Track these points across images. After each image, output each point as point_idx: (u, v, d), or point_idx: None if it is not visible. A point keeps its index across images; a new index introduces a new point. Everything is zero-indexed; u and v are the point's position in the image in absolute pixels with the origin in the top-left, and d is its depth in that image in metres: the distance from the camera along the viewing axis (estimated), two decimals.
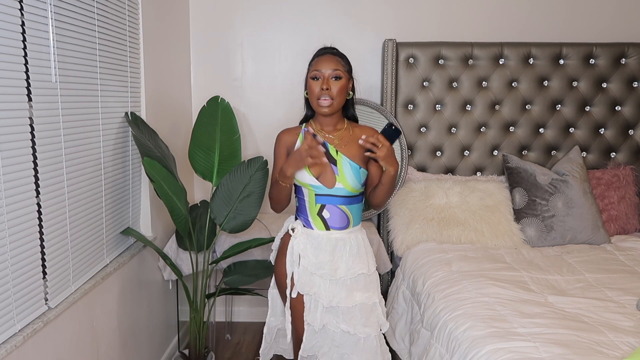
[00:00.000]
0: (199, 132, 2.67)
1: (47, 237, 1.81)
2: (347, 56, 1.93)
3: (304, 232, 1.91)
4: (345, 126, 1.94)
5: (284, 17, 3.33)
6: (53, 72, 1.82)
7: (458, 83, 3.21)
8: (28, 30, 1.67)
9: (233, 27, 3.33)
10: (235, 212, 2.55)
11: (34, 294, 1.75)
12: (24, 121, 1.67)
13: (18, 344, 1.61)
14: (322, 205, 1.87)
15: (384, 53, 3.16)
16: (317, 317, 1.87)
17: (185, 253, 2.76)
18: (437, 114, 3.23)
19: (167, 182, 2.31)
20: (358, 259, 1.89)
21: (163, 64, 2.89)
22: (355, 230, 1.92)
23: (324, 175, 1.87)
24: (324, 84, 1.83)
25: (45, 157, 1.79)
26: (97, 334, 2.15)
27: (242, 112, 3.34)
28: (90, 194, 2.11)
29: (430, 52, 3.18)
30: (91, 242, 2.14)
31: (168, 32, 2.98)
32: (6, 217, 1.58)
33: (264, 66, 3.36)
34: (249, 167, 2.57)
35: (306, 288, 1.87)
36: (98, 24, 2.13)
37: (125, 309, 2.42)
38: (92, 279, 2.11)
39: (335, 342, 1.90)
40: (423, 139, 3.25)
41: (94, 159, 2.15)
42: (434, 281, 2.40)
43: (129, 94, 2.44)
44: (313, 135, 1.79)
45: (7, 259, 1.60)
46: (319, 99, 1.84)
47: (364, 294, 1.89)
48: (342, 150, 1.88)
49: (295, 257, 1.89)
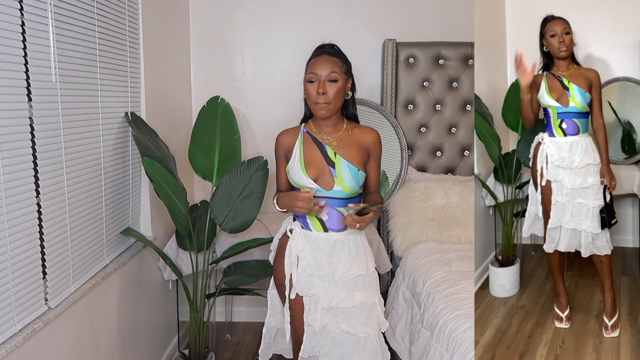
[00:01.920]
0: (199, 132, 2.67)
1: (47, 237, 1.81)
2: (346, 55, 1.89)
3: (302, 233, 1.89)
4: (345, 127, 1.91)
5: (284, 17, 3.33)
6: (53, 72, 1.82)
7: (458, 83, 3.21)
8: (28, 30, 1.67)
9: (233, 27, 3.33)
10: (235, 212, 2.55)
11: (34, 294, 1.75)
12: (24, 121, 1.67)
13: (18, 344, 1.61)
14: (321, 207, 1.87)
15: (384, 53, 3.16)
16: (317, 318, 1.86)
17: (185, 253, 2.76)
18: (437, 114, 3.23)
19: (167, 182, 2.31)
20: (357, 261, 1.88)
21: (163, 64, 2.88)
22: (353, 231, 1.90)
23: (323, 177, 1.86)
24: (319, 88, 1.79)
25: (45, 157, 1.79)
26: (97, 334, 2.15)
27: (242, 112, 3.34)
28: (90, 194, 2.11)
29: (430, 52, 3.18)
30: (91, 242, 2.14)
31: (168, 32, 2.98)
32: (6, 217, 1.58)
33: (264, 66, 3.36)
34: (249, 167, 2.57)
35: (305, 289, 1.86)
36: (98, 24, 2.13)
37: (125, 309, 2.42)
38: (92, 279, 2.11)
39: (336, 342, 1.89)
40: (423, 139, 3.24)
41: (94, 159, 2.14)
42: (434, 281, 2.40)
43: (128, 94, 2.44)
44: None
45: (7, 259, 1.60)
46: (315, 103, 1.82)
47: (363, 294, 1.88)
48: (341, 153, 1.86)
49: (294, 259, 1.88)
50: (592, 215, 2.40)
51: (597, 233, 2.40)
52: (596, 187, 2.40)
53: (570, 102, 2.40)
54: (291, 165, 1.88)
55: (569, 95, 2.40)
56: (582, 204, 2.40)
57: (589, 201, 2.40)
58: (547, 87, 2.43)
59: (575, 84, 2.40)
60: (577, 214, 2.42)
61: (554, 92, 2.42)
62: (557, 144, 2.44)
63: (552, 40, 2.41)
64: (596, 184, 2.40)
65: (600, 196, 2.40)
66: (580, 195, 2.41)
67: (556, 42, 2.40)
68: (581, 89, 2.39)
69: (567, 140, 2.43)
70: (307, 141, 1.89)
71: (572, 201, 2.42)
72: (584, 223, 2.41)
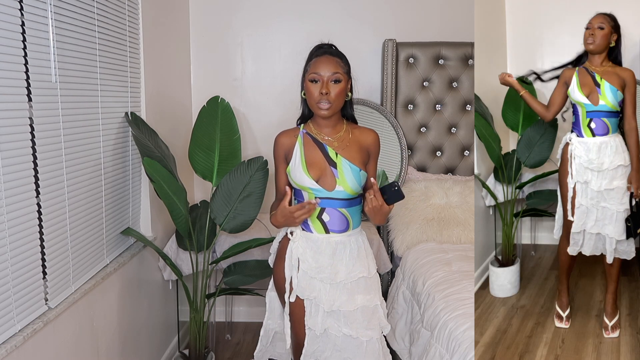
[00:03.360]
0: (199, 132, 2.67)
1: (47, 237, 1.81)
2: (346, 56, 1.88)
3: (302, 235, 1.87)
4: (345, 128, 1.90)
5: (284, 17, 3.33)
6: (53, 72, 1.82)
7: (458, 83, 3.21)
8: (28, 30, 1.67)
9: (233, 27, 3.33)
10: (235, 212, 2.55)
11: (34, 294, 1.75)
12: (24, 121, 1.67)
13: (18, 344, 1.61)
14: (322, 208, 1.85)
15: (384, 53, 3.16)
16: (318, 322, 1.84)
17: (185, 253, 2.76)
18: (437, 114, 3.23)
19: (167, 182, 2.31)
20: (358, 262, 1.87)
21: (163, 64, 2.89)
22: (355, 232, 1.89)
23: (324, 178, 1.85)
24: (323, 88, 1.78)
25: (45, 157, 1.79)
26: (97, 334, 2.15)
27: (242, 112, 3.34)
28: (90, 194, 2.11)
29: (430, 52, 3.18)
30: (91, 242, 2.14)
31: (168, 32, 2.98)
32: (6, 217, 1.58)
33: (264, 66, 3.36)
34: (249, 167, 2.57)
35: (306, 292, 1.84)
36: (98, 24, 2.13)
37: (125, 309, 2.42)
38: (92, 279, 2.11)
39: (337, 346, 1.87)
40: (423, 139, 3.25)
41: (94, 159, 2.14)
42: (434, 281, 2.40)
43: (129, 94, 2.44)
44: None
45: (7, 259, 1.60)
46: (318, 103, 1.80)
47: (365, 297, 1.86)
48: (342, 153, 1.85)
49: (294, 262, 1.86)
50: (615, 221, 2.33)
51: (621, 240, 2.35)
52: (622, 191, 2.33)
53: (600, 99, 2.32)
54: (292, 166, 1.87)
55: (599, 92, 2.32)
56: (606, 207, 2.34)
57: (614, 205, 2.33)
58: (579, 82, 2.36)
59: (607, 81, 2.33)
60: (602, 218, 2.35)
61: (585, 87, 2.35)
62: (585, 144, 2.36)
63: (585, 33, 2.35)
64: (622, 186, 2.33)
65: (625, 201, 2.33)
66: (604, 198, 2.34)
67: (587, 35, 2.34)
68: (613, 87, 2.32)
69: (596, 141, 2.35)
70: (308, 142, 1.88)
71: (596, 205, 2.35)
72: (608, 228, 2.35)
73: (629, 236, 2.34)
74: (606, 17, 2.34)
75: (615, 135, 2.37)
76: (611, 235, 2.35)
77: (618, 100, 2.34)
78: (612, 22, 2.34)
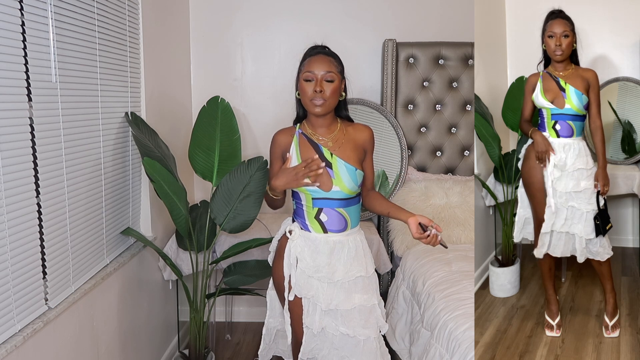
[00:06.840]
0: (199, 132, 2.67)
1: (47, 237, 1.81)
2: (343, 56, 1.90)
3: (301, 234, 1.88)
4: (339, 127, 1.90)
5: (284, 17, 3.33)
6: (53, 72, 1.82)
7: (458, 83, 3.21)
8: (28, 30, 1.67)
9: (233, 27, 3.33)
10: (235, 212, 2.55)
11: (34, 294, 1.75)
12: (24, 121, 1.67)
13: (18, 344, 1.61)
14: (320, 208, 1.86)
15: (384, 53, 3.16)
16: (315, 320, 1.85)
17: (185, 253, 2.76)
18: (437, 114, 3.23)
19: (167, 182, 2.31)
20: (356, 262, 1.87)
21: (163, 64, 2.89)
22: (353, 232, 1.90)
23: (320, 178, 1.85)
24: (317, 86, 1.79)
25: (45, 157, 1.79)
26: (97, 334, 2.15)
27: (242, 112, 3.34)
28: (90, 194, 2.11)
29: (430, 52, 3.18)
30: (91, 242, 2.14)
31: (168, 32, 2.98)
32: (6, 217, 1.58)
33: (264, 66, 3.36)
34: (249, 167, 2.57)
35: (304, 291, 1.85)
36: (98, 24, 2.13)
37: (125, 309, 2.42)
38: (92, 279, 2.11)
39: (335, 345, 1.88)
40: (423, 139, 3.25)
41: (94, 159, 2.14)
42: (434, 281, 2.40)
43: (129, 94, 2.44)
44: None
45: (7, 259, 1.60)
46: (312, 100, 1.81)
47: (362, 296, 1.87)
48: (337, 153, 1.86)
49: (293, 260, 1.87)
50: (584, 220, 2.36)
51: (591, 239, 2.37)
52: (589, 192, 2.36)
53: (566, 104, 2.35)
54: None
55: (565, 96, 2.35)
56: (575, 207, 2.37)
57: (582, 205, 2.36)
58: (542, 89, 2.39)
59: (572, 86, 2.35)
60: (571, 217, 2.38)
61: (549, 93, 2.38)
62: (552, 144, 2.39)
63: (550, 42, 2.35)
64: (590, 187, 2.36)
65: (593, 201, 2.35)
66: (573, 198, 2.37)
67: (553, 45, 2.34)
68: (578, 91, 2.35)
69: (560, 142, 2.38)
70: (303, 142, 1.89)
71: (565, 204, 2.37)
72: (577, 227, 2.37)
73: (598, 234, 2.35)
74: (567, 23, 2.34)
75: (580, 139, 2.39)
76: (580, 234, 2.37)
77: (583, 104, 2.36)
78: (571, 25, 2.34)
